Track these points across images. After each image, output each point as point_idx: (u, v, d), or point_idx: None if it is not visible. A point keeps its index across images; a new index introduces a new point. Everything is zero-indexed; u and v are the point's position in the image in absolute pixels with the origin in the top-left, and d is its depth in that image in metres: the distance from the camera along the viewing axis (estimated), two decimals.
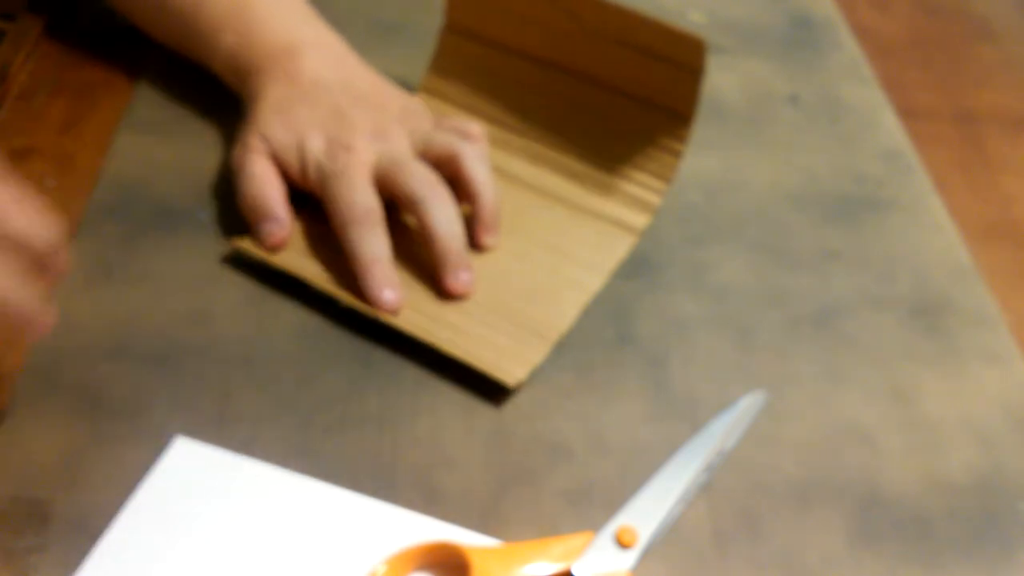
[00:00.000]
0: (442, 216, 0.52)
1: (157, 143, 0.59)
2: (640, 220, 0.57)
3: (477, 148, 0.55)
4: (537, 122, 0.60)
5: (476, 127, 0.57)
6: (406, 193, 0.52)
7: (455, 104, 0.61)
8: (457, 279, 0.51)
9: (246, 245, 0.53)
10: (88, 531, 0.41)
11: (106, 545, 0.41)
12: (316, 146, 0.54)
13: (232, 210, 0.55)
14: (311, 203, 0.55)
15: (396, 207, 0.53)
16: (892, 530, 0.45)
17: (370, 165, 0.53)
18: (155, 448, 0.44)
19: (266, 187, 0.53)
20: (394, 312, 0.50)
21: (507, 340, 0.50)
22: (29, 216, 0.40)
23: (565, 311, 0.52)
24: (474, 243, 0.54)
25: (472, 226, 0.54)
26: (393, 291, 0.50)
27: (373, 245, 0.51)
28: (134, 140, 0.59)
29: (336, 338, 0.50)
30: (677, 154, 0.57)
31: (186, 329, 0.50)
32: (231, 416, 0.46)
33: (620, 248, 0.56)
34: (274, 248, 0.52)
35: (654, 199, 0.57)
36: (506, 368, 0.49)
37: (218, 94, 0.61)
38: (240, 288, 0.52)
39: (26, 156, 0.58)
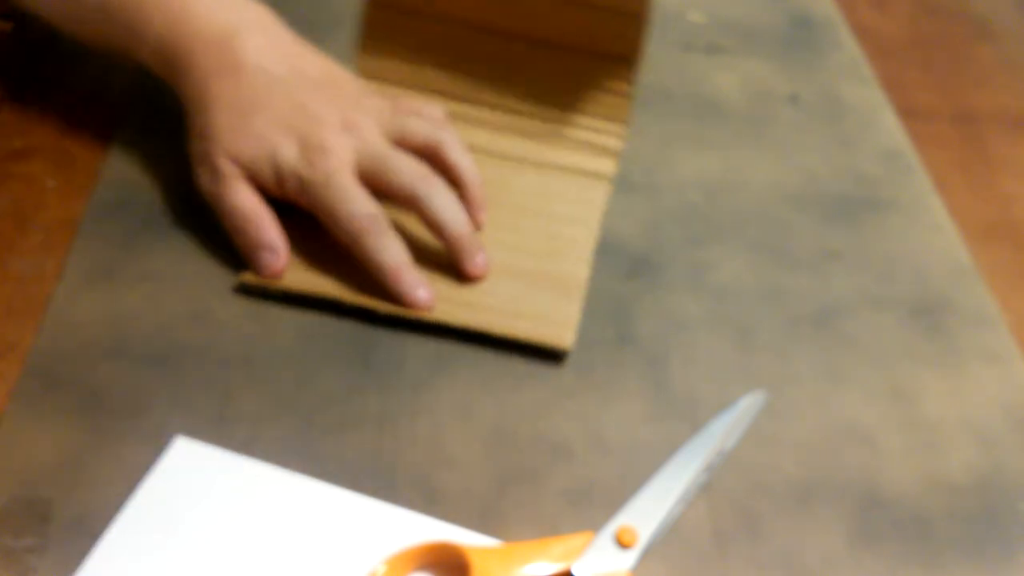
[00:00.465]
0: (445, 206, 0.52)
1: (157, 143, 0.59)
2: (607, 165, 0.58)
3: (452, 132, 0.55)
4: (483, 88, 0.60)
5: (437, 109, 0.56)
6: (400, 189, 0.52)
7: (396, 82, 0.60)
8: (475, 263, 0.52)
9: (251, 278, 0.51)
10: (88, 531, 0.41)
11: (106, 545, 0.41)
12: (289, 154, 0.51)
13: None
14: (289, 209, 0.53)
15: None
16: (892, 530, 0.45)
17: (351, 164, 0.52)
18: (155, 448, 0.44)
19: (254, 216, 0.51)
20: (429, 308, 0.50)
21: (539, 307, 0.51)
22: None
23: (576, 268, 0.53)
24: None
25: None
26: (425, 289, 0.51)
27: (392, 251, 0.50)
28: (134, 140, 0.59)
29: (336, 338, 0.50)
30: (627, 95, 0.58)
31: (186, 329, 0.50)
32: (231, 416, 0.46)
33: (598, 197, 0.57)
34: (272, 276, 0.51)
35: (616, 143, 0.58)
36: (554, 333, 0.50)
37: None
38: (240, 288, 0.52)
39: (26, 156, 0.58)
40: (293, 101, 0.53)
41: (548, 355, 0.50)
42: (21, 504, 0.42)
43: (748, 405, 0.49)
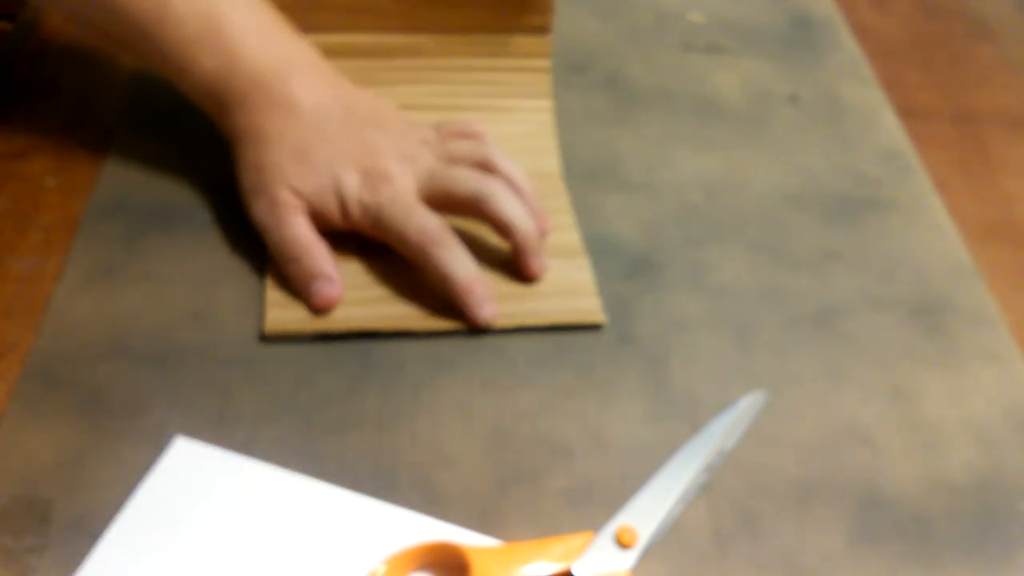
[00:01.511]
0: (512, 205, 0.52)
1: (157, 143, 0.59)
2: (542, 81, 0.63)
3: (496, 147, 0.55)
4: (408, 39, 0.62)
5: (478, 125, 0.57)
6: (466, 194, 0.52)
7: (330, 53, 0.59)
8: (540, 263, 0.53)
9: (277, 325, 0.50)
10: (88, 531, 0.41)
11: (106, 545, 0.41)
12: (352, 183, 0.52)
13: (232, 210, 0.55)
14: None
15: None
16: (892, 530, 0.45)
17: (413, 188, 0.52)
18: (155, 448, 0.44)
19: (312, 246, 0.51)
20: (490, 326, 0.51)
21: (557, 284, 0.53)
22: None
23: (566, 234, 0.56)
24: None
25: (515, 258, 0.54)
26: (491, 306, 0.51)
27: (464, 264, 0.51)
28: (134, 140, 0.59)
29: (336, 338, 0.50)
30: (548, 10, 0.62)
31: (186, 329, 0.50)
32: (231, 416, 0.46)
33: (546, 121, 0.61)
34: (327, 306, 0.50)
35: (542, 60, 0.62)
36: (582, 309, 0.52)
37: None
38: (240, 288, 0.52)
39: (26, 156, 0.58)
40: (349, 135, 0.53)
41: (548, 353, 0.50)
42: (21, 504, 0.42)
43: (748, 405, 0.49)
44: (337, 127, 0.53)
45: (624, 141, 0.64)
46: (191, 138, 0.60)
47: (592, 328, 0.52)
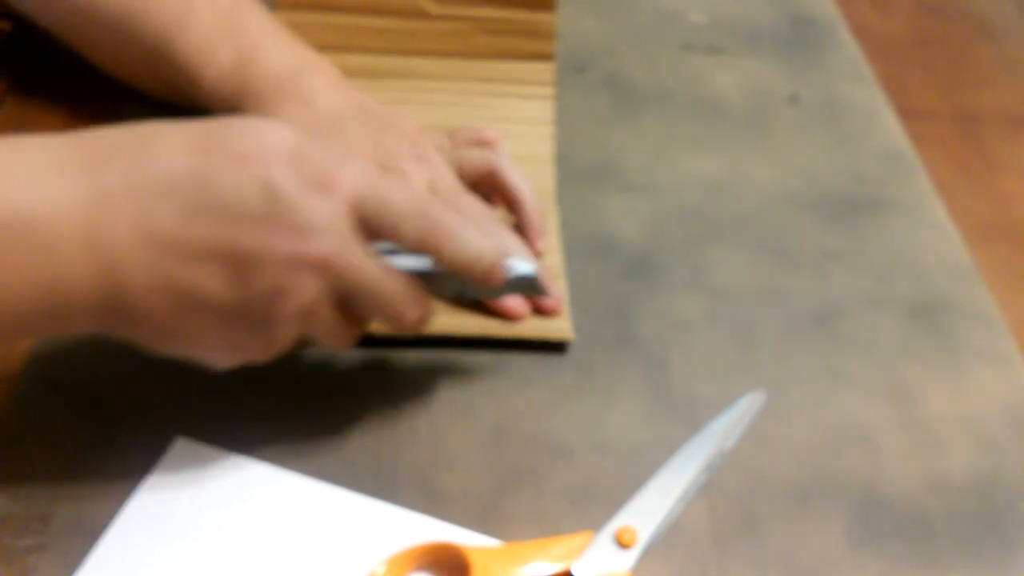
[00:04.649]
0: (515, 249, 0.51)
1: None
2: (545, 71, 0.63)
3: (507, 156, 0.55)
4: (411, 62, 0.63)
5: (490, 131, 0.57)
6: (477, 167, 0.54)
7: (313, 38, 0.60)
8: (552, 296, 0.51)
9: None
10: (88, 531, 0.41)
11: (106, 545, 0.41)
12: None
13: None
14: None
15: None
16: (892, 530, 0.45)
17: (427, 190, 0.52)
18: (155, 448, 0.44)
19: None
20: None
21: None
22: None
23: (551, 242, 0.55)
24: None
25: (521, 234, 0.54)
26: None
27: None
28: None
29: None
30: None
31: None
32: (231, 416, 0.46)
33: (546, 135, 0.62)
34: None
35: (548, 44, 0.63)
36: (553, 326, 0.51)
37: None
38: None
39: None
40: (365, 134, 0.54)
41: (548, 353, 0.50)
42: (21, 504, 0.42)
43: (748, 405, 0.49)
44: (353, 126, 0.54)
45: (624, 141, 0.64)
46: None
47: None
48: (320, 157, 0.40)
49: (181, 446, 0.45)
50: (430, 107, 0.62)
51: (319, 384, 0.48)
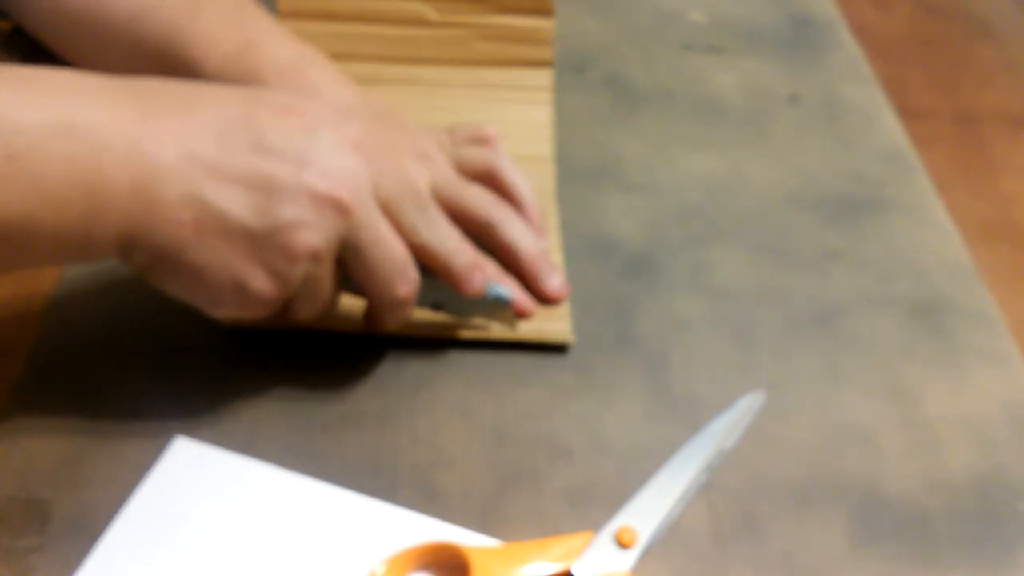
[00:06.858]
0: (519, 232, 0.51)
1: None
2: (543, 79, 0.64)
3: (505, 154, 0.55)
4: (409, 70, 0.65)
5: (490, 128, 0.57)
6: (476, 216, 0.51)
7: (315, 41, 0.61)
8: (554, 284, 0.52)
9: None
10: (88, 531, 0.41)
11: (106, 545, 0.41)
12: None
13: None
14: None
15: None
16: (892, 530, 0.45)
17: (428, 189, 0.51)
18: (155, 448, 0.44)
19: None
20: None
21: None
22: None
23: (552, 242, 0.55)
24: None
25: None
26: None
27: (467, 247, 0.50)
28: None
29: (336, 338, 0.50)
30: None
31: (186, 329, 0.50)
32: (231, 416, 0.46)
33: (546, 137, 0.62)
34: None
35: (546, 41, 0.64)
36: (552, 329, 0.51)
37: None
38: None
39: None
40: (373, 128, 0.53)
41: (548, 353, 0.50)
42: (21, 504, 0.42)
43: (748, 405, 0.49)
44: (354, 117, 0.54)
45: (624, 141, 0.64)
46: None
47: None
48: (357, 127, 0.46)
49: (181, 446, 0.45)
50: (431, 112, 0.62)
51: (319, 384, 0.48)
